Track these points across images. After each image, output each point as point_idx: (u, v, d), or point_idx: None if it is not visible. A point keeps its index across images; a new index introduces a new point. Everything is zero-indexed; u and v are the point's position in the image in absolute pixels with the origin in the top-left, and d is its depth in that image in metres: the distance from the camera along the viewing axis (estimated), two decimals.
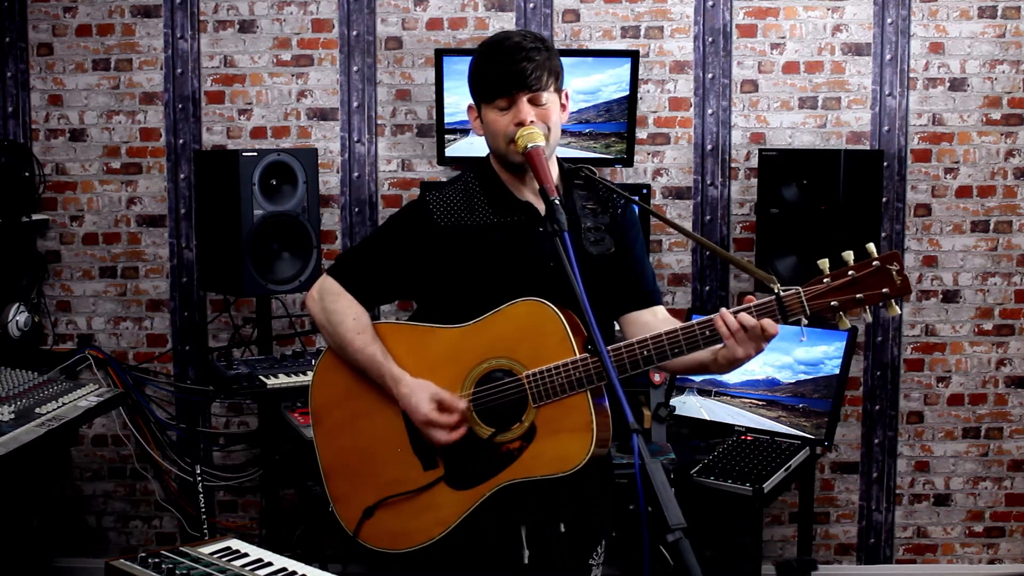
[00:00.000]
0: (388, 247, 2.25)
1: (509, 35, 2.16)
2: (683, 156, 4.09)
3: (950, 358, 4.14)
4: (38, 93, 4.11)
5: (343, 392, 2.26)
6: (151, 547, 3.87)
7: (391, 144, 4.10)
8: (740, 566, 3.90)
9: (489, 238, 2.18)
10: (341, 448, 2.26)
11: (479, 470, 2.13)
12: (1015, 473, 4.18)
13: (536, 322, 2.08)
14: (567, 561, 2.24)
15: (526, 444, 2.09)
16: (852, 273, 1.94)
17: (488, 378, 2.14)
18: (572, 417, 2.06)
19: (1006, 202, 4.10)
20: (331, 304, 2.24)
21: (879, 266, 1.92)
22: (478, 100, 2.19)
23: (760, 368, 3.53)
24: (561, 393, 2.06)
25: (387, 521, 2.20)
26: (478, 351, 2.14)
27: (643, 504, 1.65)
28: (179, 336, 4.17)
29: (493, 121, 2.15)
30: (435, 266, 2.20)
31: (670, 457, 3.37)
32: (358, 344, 2.20)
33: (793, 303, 1.97)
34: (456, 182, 2.27)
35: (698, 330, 2.00)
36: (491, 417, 2.13)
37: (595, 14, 4.04)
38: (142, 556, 1.87)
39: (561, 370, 2.05)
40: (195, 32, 4.08)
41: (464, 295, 2.18)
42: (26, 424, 3.01)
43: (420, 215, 2.22)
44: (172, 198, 4.14)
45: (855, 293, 1.93)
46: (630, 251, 2.29)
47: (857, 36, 4.04)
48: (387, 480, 2.20)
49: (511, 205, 2.21)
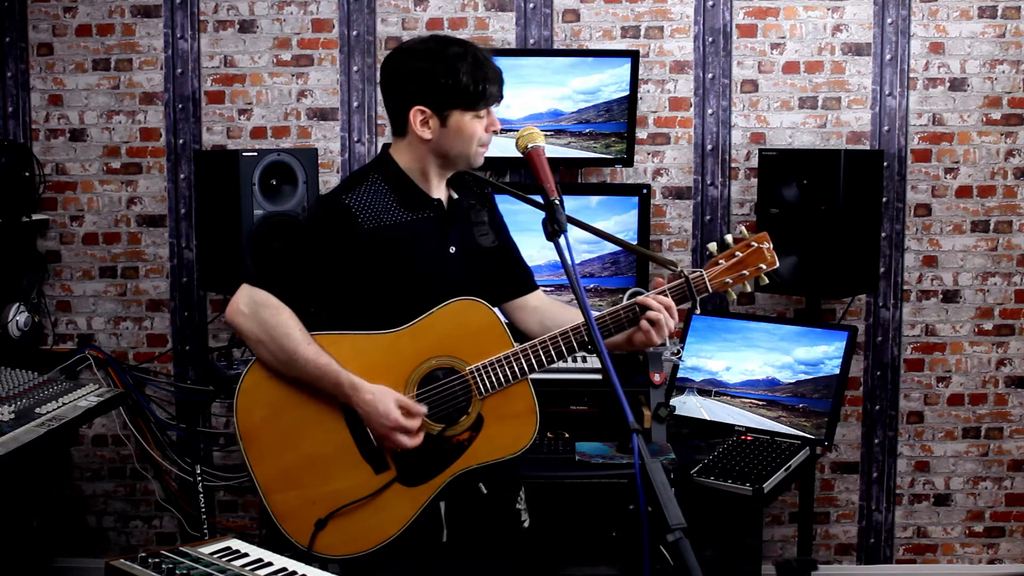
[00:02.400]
0: (316, 255, 2.25)
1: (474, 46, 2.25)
2: (683, 156, 4.09)
3: (950, 358, 4.14)
4: (38, 93, 4.11)
5: (274, 408, 2.25)
6: (151, 547, 3.87)
7: None
8: (740, 566, 3.90)
9: (406, 236, 2.26)
10: (280, 465, 2.24)
11: (431, 465, 2.22)
12: (1015, 473, 4.18)
13: (472, 319, 2.23)
14: (494, 516, 2.36)
15: (475, 434, 2.23)
16: (738, 254, 2.27)
17: (430, 377, 2.23)
18: (517, 403, 2.23)
19: (1006, 202, 4.10)
20: (271, 318, 2.21)
21: (755, 246, 2.27)
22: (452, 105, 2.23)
23: (760, 368, 3.54)
24: (506, 383, 2.21)
25: (342, 529, 2.21)
26: (417, 352, 2.23)
27: (643, 504, 1.65)
28: (179, 336, 4.17)
29: (468, 126, 2.24)
30: (361, 269, 2.24)
31: (670, 457, 3.37)
32: (311, 355, 2.19)
33: (699, 284, 2.25)
34: (362, 181, 2.30)
35: (623, 313, 2.24)
36: (439, 414, 2.22)
37: (595, 14, 4.04)
38: (142, 556, 1.87)
39: (503, 361, 2.21)
40: (195, 32, 4.08)
41: (389, 295, 2.25)
42: (26, 424, 3.01)
43: (343, 219, 2.24)
44: (172, 198, 4.14)
45: (742, 269, 2.28)
46: (508, 239, 2.48)
47: (857, 36, 4.04)
48: (336, 490, 2.21)
49: (422, 201, 2.30)
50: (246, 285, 2.26)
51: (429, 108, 2.23)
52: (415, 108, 2.24)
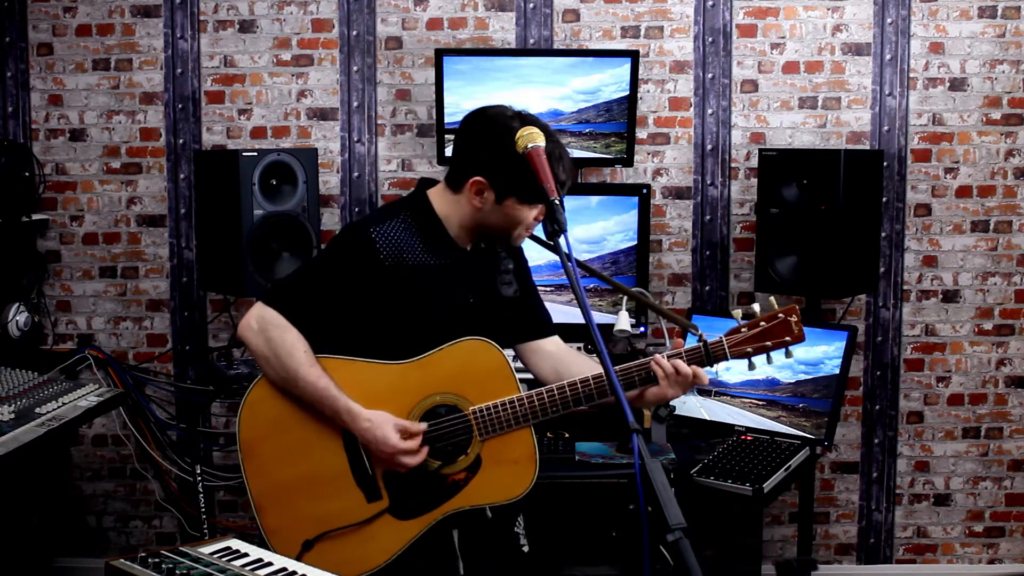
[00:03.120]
0: (332, 281, 2.26)
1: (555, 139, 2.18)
2: (683, 156, 4.09)
3: (950, 358, 4.14)
4: (38, 93, 4.11)
5: (276, 425, 2.27)
6: (151, 547, 3.88)
7: (391, 144, 4.10)
8: (740, 566, 3.91)
9: (426, 277, 2.25)
10: (275, 481, 2.26)
11: (424, 500, 2.22)
12: (1015, 473, 4.18)
13: (480, 359, 2.21)
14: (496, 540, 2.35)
15: (471, 475, 2.22)
16: (763, 324, 2.25)
17: (432, 413, 2.23)
18: (517, 449, 2.20)
19: (1006, 202, 4.10)
20: (278, 336, 2.23)
21: (782, 318, 2.25)
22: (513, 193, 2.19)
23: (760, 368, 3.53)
24: (507, 427, 2.19)
25: (328, 553, 2.22)
26: (422, 387, 2.23)
27: (643, 504, 1.65)
28: (179, 336, 4.17)
29: (520, 213, 2.22)
30: (375, 302, 2.24)
31: (670, 457, 3.37)
32: (311, 377, 2.21)
33: (718, 350, 2.24)
34: (393, 217, 2.29)
35: (635, 371, 2.22)
36: (437, 450, 2.22)
37: (595, 14, 4.04)
38: (142, 556, 1.87)
39: (507, 406, 2.19)
40: (195, 32, 4.08)
41: (399, 331, 2.24)
42: (26, 424, 3.01)
43: (366, 251, 2.23)
44: (172, 198, 4.14)
45: (765, 340, 2.25)
46: (529, 288, 2.45)
47: (857, 36, 4.04)
48: (327, 513, 2.22)
49: (445, 247, 2.29)
50: (259, 302, 2.29)
51: (491, 184, 2.20)
52: (478, 178, 2.21)
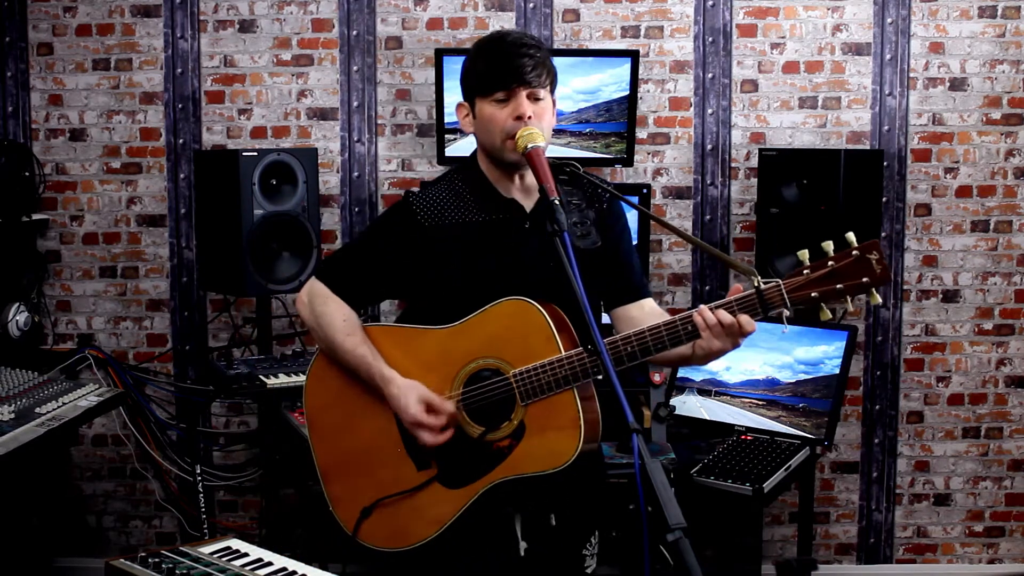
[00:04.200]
0: (373, 249, 2.27)
1: (508, 32, 2.19)
2: (683, 156, 4.09)
3: (950, 358, 4.14)
4: (38, 93, 4.11)
5: (336, 394, 2.28)
6: (151, 547, 3.87)
7: (391, 144, 4.10)
8: (740, 566, 3.91)
9: (474, 235, 2.19)
10: (337, 450, 2.28)
11: (471, 469, 2.15)
12: (1015, 473, 4.18)
13: (521, 321, 2.10)
14: (560, 553, 2.26)
15: (516, 442, 2.11)
16: (832, 264, 1.92)
17: (476, 378, 2.15)
18: (560, 414, 2.08)
19: (1006, 202, 4.10)
20: (320, 307, 2.26)
21: (859, 255, 1.90)
22: (473, 94, 2.19)
23: (760, 368, 3.53)
24: (548, 391, 2.07)
25: (385, 520, 2.22)
26: (466, 351, 2.16)
27: (643, 504, 1.65)
28: (179, 336, 4.17)
29: (490, 115, 2.14)
30: (421, 266, 2.22)
31: (670, 457, 3.37)
32: (348, 345, 2.22)
33: (774, 296, 1.96)
34: (441, 181, 2.28)
35: (680, 326, 2.02)
36: (481, 416, 2.15)
37: (595, 14, 4.04)
38: (142, 556, 1.88)
39: (547, 368, 2.06)
40: (195, 32, 4.08)
41: (452, 293, 2.19)
42: (26, 424, 3.01)
43: (404, 216, 2.23)
44: (172, 198, 4.14)
45: (835, 284, 1.91)
46: (617, 245, 2.29)
47: (857, 36, 4.04)
48: (382, 480, 2.22)
49: (497, 203, 2.22)
50: (313, 277, 2.32)
51: (464, 97, 2.22)
52: (458, 105, 2.23)
